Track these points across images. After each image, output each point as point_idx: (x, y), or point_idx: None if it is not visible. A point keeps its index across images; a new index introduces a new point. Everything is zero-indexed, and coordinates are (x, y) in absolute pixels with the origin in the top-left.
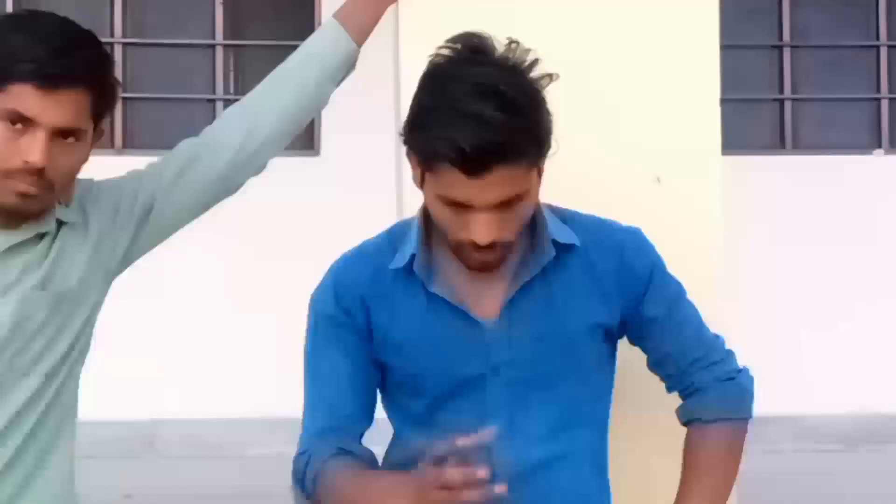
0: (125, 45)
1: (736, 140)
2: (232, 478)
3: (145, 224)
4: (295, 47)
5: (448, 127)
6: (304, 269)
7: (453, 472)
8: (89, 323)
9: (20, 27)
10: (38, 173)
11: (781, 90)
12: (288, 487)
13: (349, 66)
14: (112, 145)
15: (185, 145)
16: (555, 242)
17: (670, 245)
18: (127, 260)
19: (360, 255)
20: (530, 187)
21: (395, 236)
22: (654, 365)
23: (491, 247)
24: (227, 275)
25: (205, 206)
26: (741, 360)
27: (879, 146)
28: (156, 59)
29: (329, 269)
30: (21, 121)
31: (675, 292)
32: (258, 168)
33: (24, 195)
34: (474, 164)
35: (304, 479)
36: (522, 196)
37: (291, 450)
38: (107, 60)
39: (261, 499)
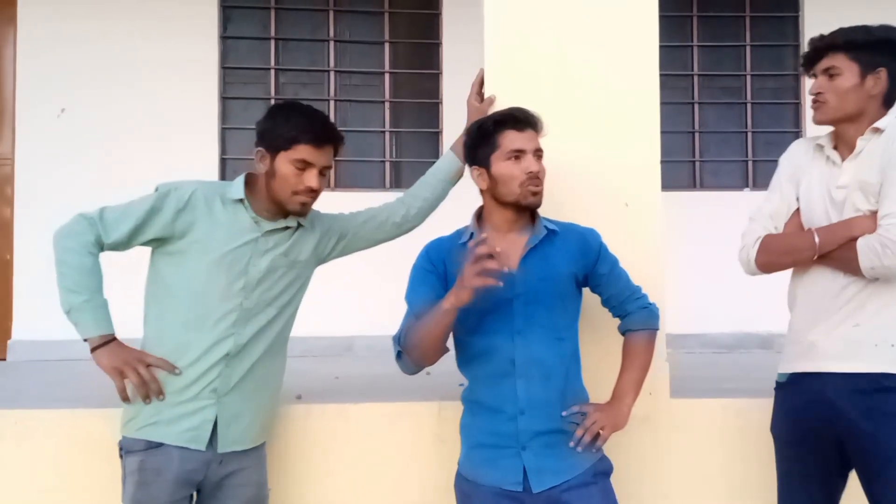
0: None
1: (669, 182)
2: (392, 368)
3: (338, 245)
4: (426, 132)
5: (509, 112)
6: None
7: (479, 248)
8: (304, 287)
9: (298, 111)
10: (314, 193)
11: (693, 154)
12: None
13: (461, 175)
14: (330, 186)
15: (373, 211)
16: (546, 227)
17: (632, 242)
18: (325, 260)
19: (441, 238)
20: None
21: (456, 232)
22: (605, 303)
23: (538, 177)
24: (385, 259)
25: (373, 245)
26: (675, 305)
27: (748, 186)
28: (352, 140)
29: (424, 246)
30: (305, 165)
31: (614, 259)
32: (407, 232)
33: (304, 204)
34: (522, 123)
35: (399, 339)
36: (542, 154)
37: None
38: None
39: (408, 379)
